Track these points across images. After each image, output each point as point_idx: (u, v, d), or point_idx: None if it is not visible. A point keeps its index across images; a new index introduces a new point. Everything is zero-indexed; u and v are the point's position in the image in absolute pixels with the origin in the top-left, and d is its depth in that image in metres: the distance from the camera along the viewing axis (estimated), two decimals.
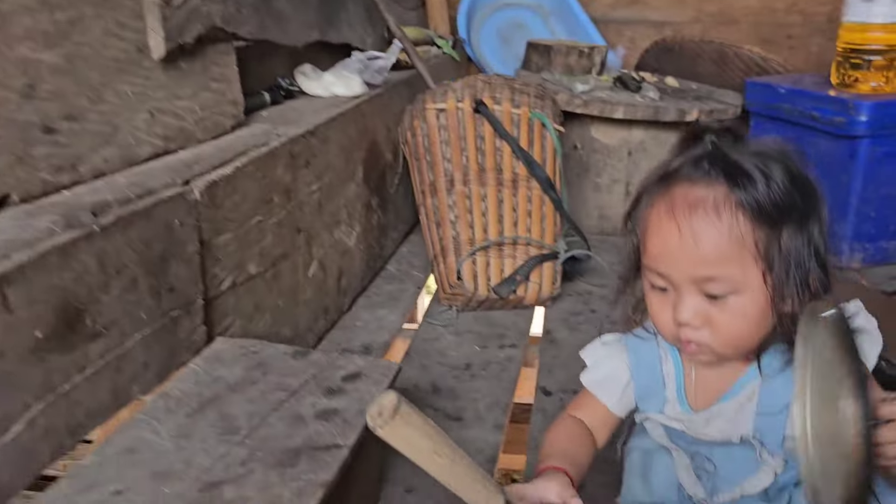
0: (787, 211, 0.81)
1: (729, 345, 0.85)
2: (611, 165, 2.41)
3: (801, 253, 0.81)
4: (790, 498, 0.90)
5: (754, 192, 0.80)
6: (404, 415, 0.69)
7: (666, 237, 0.83)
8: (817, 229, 0.83)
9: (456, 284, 1.85)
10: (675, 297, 0.85)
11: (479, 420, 1.45)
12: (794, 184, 0.82)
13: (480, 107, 1.95)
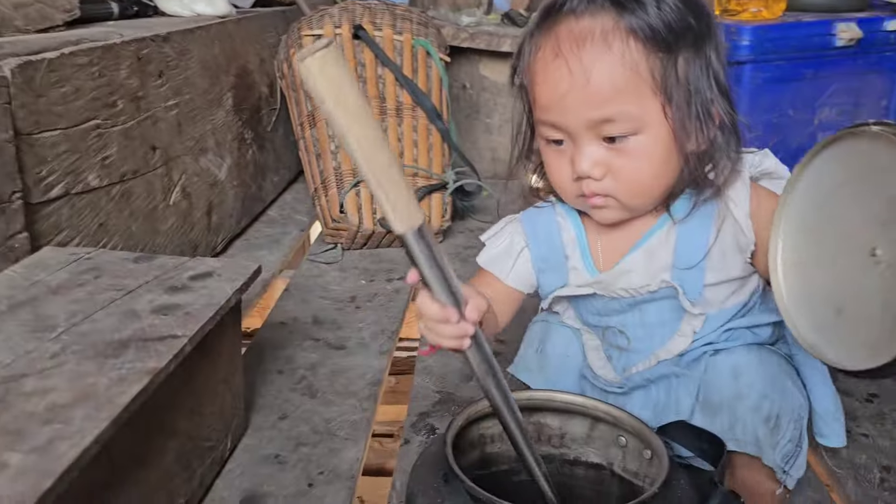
0: (682, 34, 0.73)
1: (635, 192, 0.78)
2: (501, 105, 2.33)
3: (700, 80, 0.74)
4: (706, 367, 0.84)
5: (644, 15, 0.72)
6: (336, 55, 0.49)
7: (555, 81, 0.74)
8: (714, 54, 0.76)
9: (339, 218, 1.73)
10: (573, 150, 0.77)
11: (363, 347, 1.34)
12: (686, 4, 0.74)
13: (360, 32, 1.83)
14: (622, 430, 0.77)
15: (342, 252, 1.77)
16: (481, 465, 0.82)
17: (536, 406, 0.82)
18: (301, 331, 1.40)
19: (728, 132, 0.78)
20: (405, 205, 0.57)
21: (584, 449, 0.81)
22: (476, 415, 0.79)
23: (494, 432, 0.82)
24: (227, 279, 0.91)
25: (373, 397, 1.18)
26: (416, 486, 0.70)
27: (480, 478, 0.80)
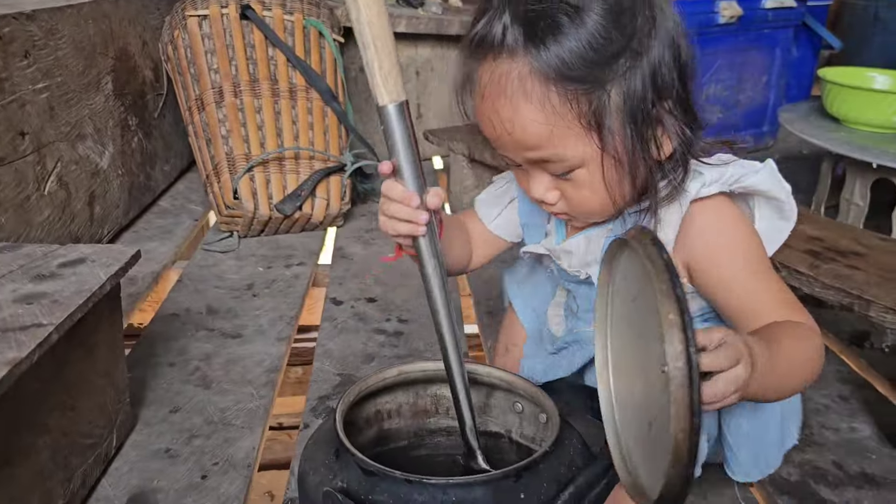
0: (609, 58, 0.67)
1: (588, 214, 0.78)
2: None
3: (640, 100, 0.68)
4: None
5: (560, 50, 0.66)
6: None
7: (486, 124, 0.73)
8: (663, 59, 0.69)
9: (233, 204, 1.67)
10: (528, 176, 0.76)
11: (260, 335, 1.30)
12: (617, 18, 0.67)
13: (248, 12, 1.77)
14: (517, 396, 0.77)
15: (238, 240, 1.72)
16: (378, 442, 0.81)
17: (431, 378, 0.81)
18: (194, 321, 1.34)
19: (683, 140, 0.72)
20: (395, 78, 0.63)
21: (483, 418, 0.80)
22: (369, 390, 0.77)
23: (391, 408, 0.81)
24: (102, 265, 0.86)
25: (270, 384, 1.14)
26: (308, 465, 0.68)
27: (378, 455, 0.79)
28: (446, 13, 2.34)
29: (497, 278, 1.51)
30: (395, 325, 1.35)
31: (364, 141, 1.89)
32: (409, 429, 0.82)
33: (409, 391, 0.82)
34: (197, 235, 1.83)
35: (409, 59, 2.28)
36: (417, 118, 2.35)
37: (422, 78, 2.32)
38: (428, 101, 2.35)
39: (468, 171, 1.79)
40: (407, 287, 1.50)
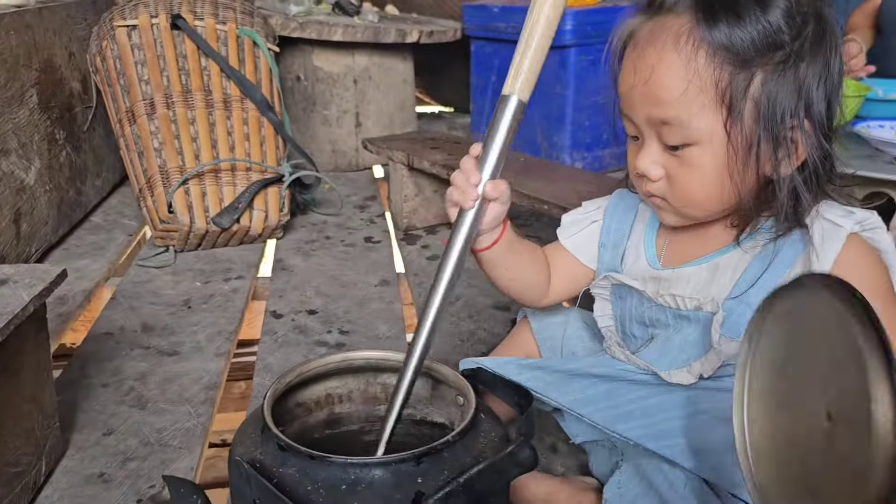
0: (766, 49, 0.67)
1: (685, 202, 0.74)
2: (338, 96, 2.30)
3: (784, 102, 0.68)
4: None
5: (725, 25, 0.67)
6: None
7: (627, 72, 0.74)
8: (817, 78, 0.69)
9: (168, 218, 1.63)
10: (641, 147, 0.75)
11: (197, 351, 1.27)
12: (792, 18, 0.68)
13: (179, 21, 1.73)
14: (457, 390, 0.78)
15: (175, 254, 1.68)
16: (329, 425, 0.82)
17: (376, 366, 0.82)
18: (129, 340, 1.30)
19: (814, 166, 0.71)
20: (528, 80, 0.70)
21: (430, 409, 0.82)
22: (311, 372, 0.78)
23: (342, 392, 0.82)
24: (25, 286, 0.82)
25: (209, 401, 1.12)
26: (239, 438, 0.70)
27: (329, 436, 0.80)
28: (383, 21, 2.33)
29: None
30: (336, 336, 1.33)
31: (302, 151, 1.87)
32: (360, 414, 0.84)
33: (360, 378, 0.83)
34: (133, 251, 1.78)
35: (347, 67, 2.27)
36: (356, 127, 2.34)
37: (360, 87, 2.31)
38: (367, 109, 2.34)
39: (408, 180, 1.79)
40: (348, 298, 1.49)
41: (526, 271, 0.87)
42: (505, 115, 0.71)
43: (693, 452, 0.74)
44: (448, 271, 0.72)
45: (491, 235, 0.79)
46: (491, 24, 2.28)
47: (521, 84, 0.71)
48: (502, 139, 0.72)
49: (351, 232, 1.87)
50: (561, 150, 2.21)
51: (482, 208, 0.74)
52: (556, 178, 1.50)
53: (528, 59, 0.70)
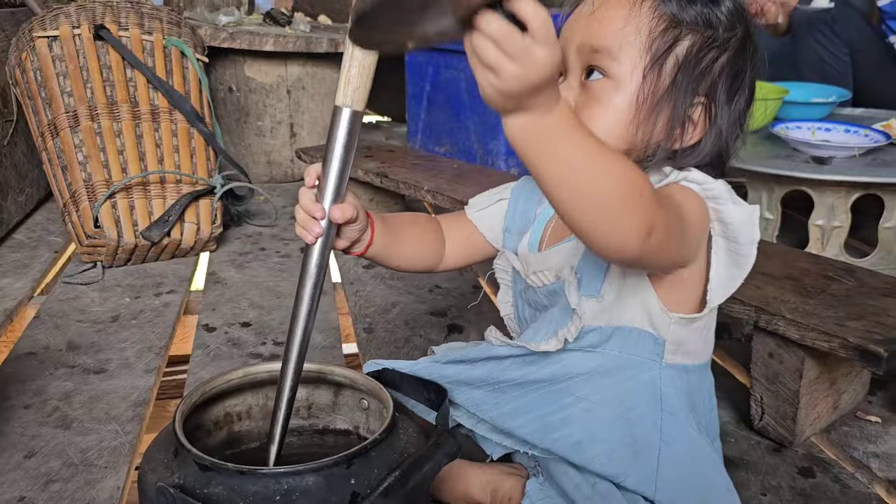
0: (700, 25, 0.73)
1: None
2: (271, 106, 2.27)
3: (696, 76, 0.74)
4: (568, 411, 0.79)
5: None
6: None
7: (575, 10, 0.77)
8: (731, 79, 0.75)
9: (94, 233, 1.58)
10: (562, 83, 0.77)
11: (126, 368, 1.24)
12: (730, 17, 0.75)
13: (102, 32, 1.70)
14: (362, 393, 0.78)
15: (103, 270, 1.63)
16: (229, 445, 0.81)
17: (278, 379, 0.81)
18: (53, 359, 1.26)
19: (701, 151, 0.75)
20: (364, 90, 0.65)
21: (332, 416, 0.82)
22: (213, 391, 0.77)
23: (241, 410, 0.81)
24: None
25: (137, 419, 1.09)
26: (148, 465, 0.68)
27: (229, 457, 0.79)
28: (315, 31, 2.32)
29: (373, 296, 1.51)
30: (270, 348, 1.32)
31: (234, 162, 1.85)
32: (261, 430, 0.83)
33: (259, 393, 0.82)
34: (61, 268, 1.72)
35: (280, 78, 2.25)
36: (291, 137, 2.32)
37: (293, 97, 2.29)
38: (301, 119, 2.32)
39: None
40: (283, 309, 1.47)
41: (413, 254, 0.90)
42: (339, 130, 0.66)
43: (576, 443, 0.76)
44: (304, 308, 0.72)
45: (360, 244, 0.81)
46: None
47: (353, 93, 0.65)
48: (340, 157, 0.67)
49: (286, 243, 1.85)
50: (496, 156, 2.23)
51: (331, 234, 0.73)
52: (488, 184, 1.49)
53: (356, 65, 0.65)
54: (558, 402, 0.78)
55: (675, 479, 0.75)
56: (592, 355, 0.77)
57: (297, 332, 0.72)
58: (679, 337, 0.77)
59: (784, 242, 1.70)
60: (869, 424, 1.10)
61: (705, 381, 0.82)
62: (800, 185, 1.58)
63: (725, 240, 0.74)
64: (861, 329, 0.92)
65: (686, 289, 0.76)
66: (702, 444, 0.77)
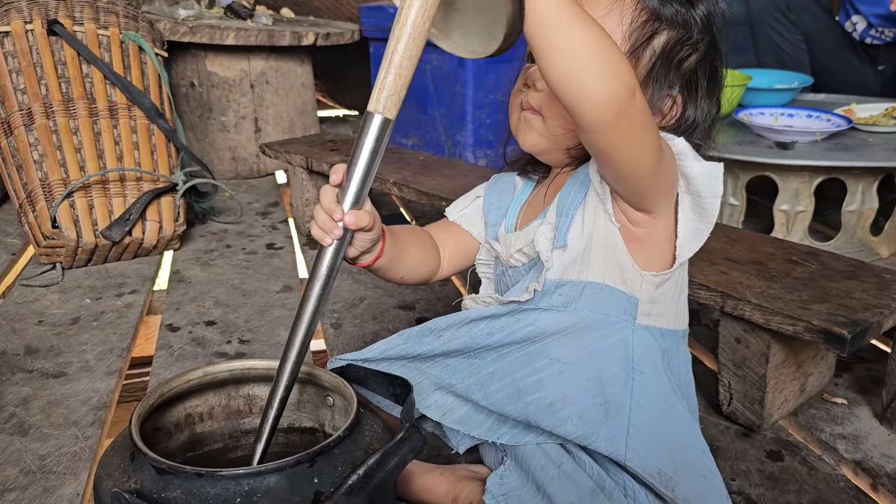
0: (677, 23, 0.77)
1: (556, 113, 0.78)
2: (235, 101, 2.24)
3: (663, 73, 0.77)
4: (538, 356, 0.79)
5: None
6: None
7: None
8: (705, 78, 0.79)
9: (52, 234, 1.54)
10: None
11: (86, 371, 1.21)
12: (703, 21, 0.78)
13: (56, 27, 1.65)
14: (327, 390, 0.77)
15: (63, 271, 1.59)
16: (191, 447, 0.79)
17: (241, 377, 0.79)
18: (10, 364, 1.22)
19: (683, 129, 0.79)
20: (397, 97, 0.65)
21: (297, 414, 0.80)
22: (172, 392, 0.75)
23: (202, 410, 0.79)
24: None
25: (97, 423, 1.06)
26: (104, 471, 0.66)
27: (191, 459, 0.77)
28: (278, 24, 2.29)
29: (340, 290, 1.49)
30: (236, 346, 1.29)
31: (197, 159, 1.81)
32: (224, 431, 0.81)
33: (221, 393, 0.80)
34: (20, 271, 1.68)
35: (243, 72, 2.22)
36: (256, 132, 2.29)
37: (257, 91, 2.25)
38: (266, 114, 2.29)
39: (308, 183, 1.75)
40: (249, 306, 1.44)
41: (416, 267, 0.89)
42: (368, 136, 0.66)
43: (549, 405, 0.76)
44: (309, 308, 0.70)
45: (370, 254, 0.80)
46: (388, 24, 2.27)
47: (386, 101, 0.65)
48: (366, 163, 0.67)
49: (252, 239, 1.82)
50: (464, 148, 2.22)
51: (346, 239, 0.72)
52: (454, 175, 1.51)
53: (393, 73, 0.64)
54: (532, 366, 0.78)
55: (646, 438, 0.75)
56: (565, 315, 0.77)
57: (300, 331, 0.70)
58: (651, 296, 0.77)
59: (750, 228, 1.71)
60: (835, 406, 1.11)
61: (681, 350, 0.83)
62: (764, 170, 1.59)
63: (690, 196, 0.76)
64: (825, 312, 0.93)
65: (656, 247, 0.77)
66: (675, 404, 0.77)
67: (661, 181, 0.73)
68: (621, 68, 0.63)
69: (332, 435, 0.75)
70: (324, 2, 2.63)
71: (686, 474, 0.74)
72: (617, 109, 0.63)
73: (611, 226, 0.76)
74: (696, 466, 0.76)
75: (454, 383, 0.82)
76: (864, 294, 0.98)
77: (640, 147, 0.67)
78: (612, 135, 0.65)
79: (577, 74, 0.62)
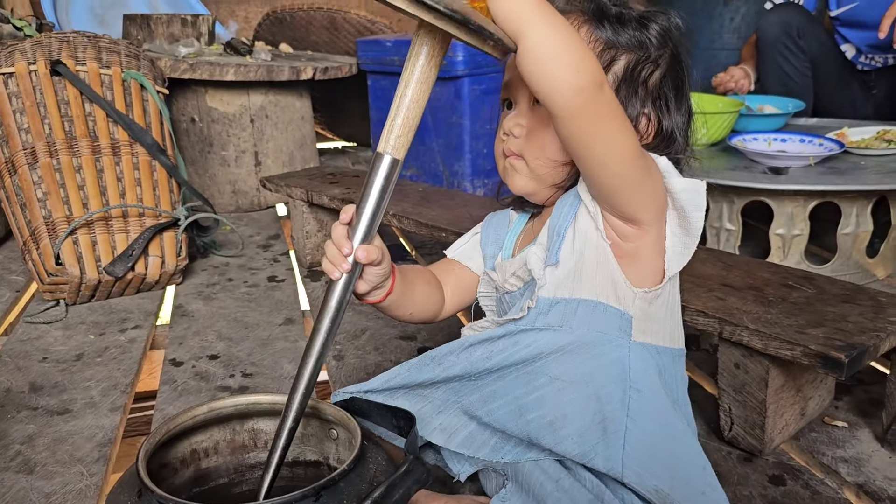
0: (634, 46, 0.80)
1: (538, 153, 0.81)
2: (235, 136, 2.27)
3: (630, 94, 0.80)
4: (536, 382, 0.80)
5: (609, 24, 0.80)
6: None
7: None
8: (672, 92, 0.82)
9: (56, 271, 1.56)
10: (513, 111, 0.84)
11: (91, 407, 1.21)
12: (660, 38, 0.81)
13: (59, 67, 1.68)
14: (331, 424, 0.78)
15: (66, 308, 1.60)
16: (197, 482, 0.79)
17: (245, 412, 0.80)
18: (15, 401, 1.23)
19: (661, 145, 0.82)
20: (401, 138, 0.69)
21: (302, 448, 0.81)
22: (178, 428, 0.75)
23: (208, 446, 0.80)
24: None
25: (103, 459, 1.07)
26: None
27: (197, 495, 0.77)
28: (276, 59, 2.33)
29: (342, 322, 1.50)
30: (239, 380, 1.30)
31: (198, 193, 1.83)
32: (229, 465, 0.81)
33: (226, 428, 0.81)
34: (23, 308, 1.69)
35: (242, 107, 2.25)
36: (256, 166, 2.31)
37: (257, 126, 2.28)
38: (266, 148, 2.32)
39: (309, 216, 1.77)
40: (251, 339, 1.45)
41: (423, 304, 0.91)
42: (378, 175, 0.69)
43: (549, 423, 0.77)
44: (318, 342, 0.72)
45: (380, 291, 0.82)
46: (385, 58, 2.31)
47: (395, 142, 0.69)
48: (375, 201, 0.70)
49: (254, 272, 1.83)
50: (462, 177, 2.24)
51: (355, 273, 0.74)
52: (452, 206, 1.52)
53: (402, 115, 0.68)
54: (532, 384, 0.79)
55: (643, 455, 0.75)
56: (561, 334, 0.79)
57: (309, 364, 0.72)
58: (644, 312, 0.79)
59: (746, 252, 1.73)
60: (836, 429, 1.11)
61: (678, 370, 0.84)
62: (759, 195, 1.61)
63: (675, 211, 0.79)
64: (822, 336, 0.94)
65: (646, 262, 0.79)
66: (673, 422, 0.78)
67: (644, 187, 0.75)
68: (588, 58, 0.68)
69: (336, 468, 0.76)
70: (321, 36, 2.68)
71: (684, 492, 0.75)
72: (589, 95, 0.67)
73: (602, 243, 0.78)
74: (695, 483, 0.77)
75: (459, 399, 0.84)
76: (860, 317, 0.99)
77: (610, 131, 0.71)
78: (587, 118, 0.69)
79: (548, 61, 0.66)
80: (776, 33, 2.21)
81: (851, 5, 2.20)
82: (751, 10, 3.21)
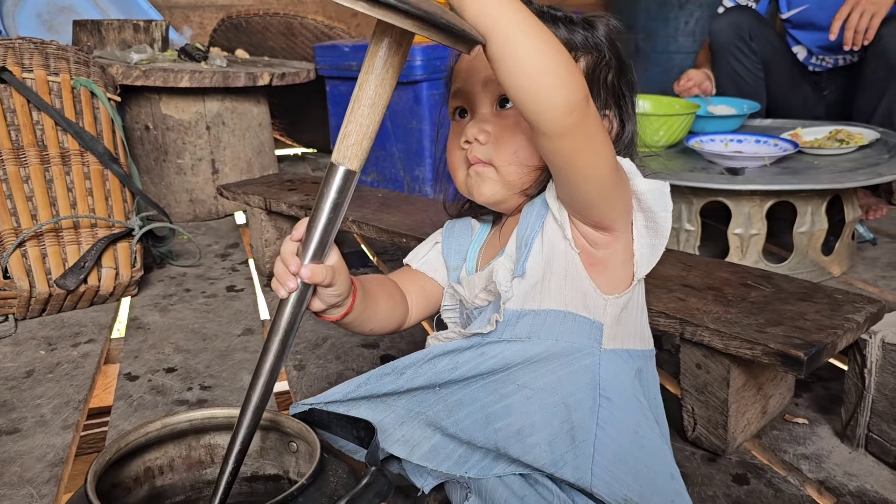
0: (589, 47, 0.80)
1: (508, 159, 0.78)
2: (191, 143, 2.22)
3: (597, 94, 0.80)
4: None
5: (563, 26, 0.80)
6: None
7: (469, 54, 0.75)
8: (627, 91, 0.83)
9: (4, 285, 1.51)
10: (470, 119, 0.81)
11: (41, 426, 1.17)
12: (608, 39, 0.82)
13: (4, 75, 1.63)
14: (290, 436, 0.76)
15: (16, 323, 1.55)
16: (151, 501, 0.77)
17: (201, 427, 0.78)
18: None
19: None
20: (359, 147, 0.63)
21: (260, 462, 0.79)
22: (130, 446, 0.73)
23: (162, 463, 0.77)
24: None
25: (54, 480, 1.03)
26: None
27: None
28: (233, 65, 2.29)
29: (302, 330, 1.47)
30: (197, 393, 1.27)
31: (153, 202, 1.79)
32: (185, 483, 0.79)
33: (181, 444, 0.78)
34: None
35: (198, 114, 2.20)
36: (213, 174, 2.27)
37: (213, 132, 2.24)
38: (223, 155, 2.28)
39: (267, 224, 1.74)
40: (209, 351, 1.42)
41: (385, 319, 0.89)
42: (330, 188, 0.64)
43: (517, 432, 0.76)
44: (268, 362, 0.69)
45: (339, 310, 0.78)
46: (343, 63, 2.29)
47: (349, 151, 0.63)
48: (326, 216, 0.65)
49: (212, 282, 1.80)
50: (423, 183, 2.23)
51: (308, 292, 0.70)
52: (414, 211, 1.51)
53: (356, 121, 0.62)
54: (499, 392, 0.78)
55: (612, 464, 0.75)
56: (529, 345, 0.77)
57: (258, 386, 0.69)
58: (615, 319, 0.78)
59: (706, 252, 1.75)
60: (797, 426, 1.13)
61: (650, 369, 0.84)
62: (716, 195, 1.62)
63: (642, 213, 0.78)
64: (781, 335, 0.94)
65: (617, 269, 0.78)
66: (644, 430, 0.77)
67: (619, 195, 0.74)
68: (576, 73, 0.65)
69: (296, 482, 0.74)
70: (278, 42, 2.64)
71: (653, 501, 0.75)
72: (579, 112, 0.65)
73: (571, 252, 0.76)
74: (664, 492, 0.76)
75: (423, 411, 0.81)
76: (817, 315, 1.00)
77: (596, 147, 0.69)
78: (576, 136, 0.66)
79: (538, 76, 0.63)
80: (728, 36, 2.25)
81: (802, 7, 2.25)
82: (705, 14, 3.27)
